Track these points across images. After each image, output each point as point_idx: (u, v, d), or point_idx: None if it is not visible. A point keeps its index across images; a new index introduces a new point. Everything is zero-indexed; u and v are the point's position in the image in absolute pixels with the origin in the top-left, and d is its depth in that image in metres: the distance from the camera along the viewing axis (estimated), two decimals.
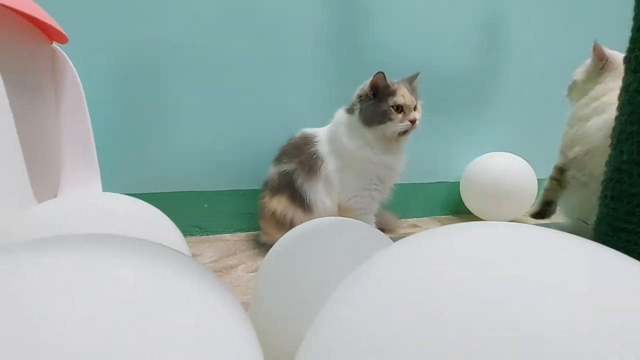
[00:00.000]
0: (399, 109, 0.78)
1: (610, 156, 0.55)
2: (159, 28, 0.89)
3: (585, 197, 0.78)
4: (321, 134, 0.88)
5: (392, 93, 0.77)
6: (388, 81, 0.78)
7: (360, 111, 0.80)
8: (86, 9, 0.84)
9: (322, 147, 0.85)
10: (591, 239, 0.56)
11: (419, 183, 1.22)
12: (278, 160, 0.89)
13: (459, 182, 1.21)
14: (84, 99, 0.75)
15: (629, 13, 0.53)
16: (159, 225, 0.42)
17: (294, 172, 0.83)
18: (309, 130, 0.90)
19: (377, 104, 0.78)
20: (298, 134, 0.91)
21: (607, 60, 0.78)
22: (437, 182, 1.25)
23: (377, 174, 0.83)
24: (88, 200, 0.40)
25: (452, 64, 1.18)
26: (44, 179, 0.69)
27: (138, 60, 0.89)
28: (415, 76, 0.84)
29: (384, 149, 0.82)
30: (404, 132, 0.79)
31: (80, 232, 0.36)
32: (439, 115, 1.20)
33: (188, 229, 0.99)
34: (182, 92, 0.94)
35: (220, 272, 0.77)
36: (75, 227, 0.35)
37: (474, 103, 1.23)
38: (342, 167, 0.83)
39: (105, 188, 0.89)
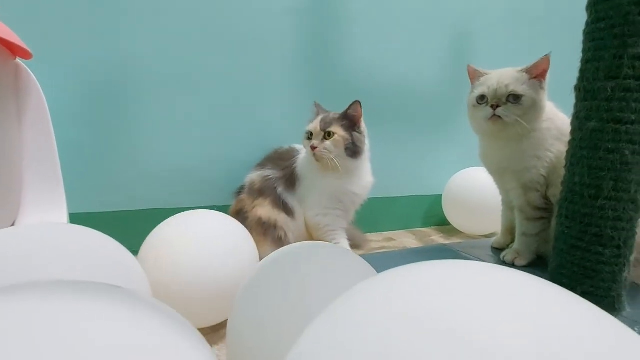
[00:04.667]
0: (310, 135, 0.84)
1: (564, 178, 0.59)
2: (128, 43, 0.88)
3: None
4: (302, 153, 0.91)
5: (312, 121, 0.86)
6: (319, 110, 0.88)
7: None
8: (52, 24, 0.82)
9: (300, 166, 0.88)
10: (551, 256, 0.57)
11: (396, 197, 1.24)
12: (262, 165, 0.90)
13: (441, 195, 1.25)
14: (49, 116, 0.73)
15: None
16: (120, 263, 0.42)
17: (276, 180, 0.86)
18: (297, 146, 0.94)
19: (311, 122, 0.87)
20: (286, 146, 0.94)
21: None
22: (416, 196, 1.28)
23: (336, 195, 0.86)
24: (46, 233, 0.39)
25: (430, 79, 1.22)
26: (3, 199, 0.66)
27: (106, 75, 0.87)
28: (351, 105, 0.83)
29: (330, 173, 0.84)
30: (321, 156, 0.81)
31: (36, 267, 0.35)
32: (418, 130, 1.24)
33: None
34: (153, 108, 0.92)
35: None
36: (31, 263, 0.34)
37: (454, 117, 1.27)
38: (310, 186, 0.87)
39: (74, 207, 0.86)
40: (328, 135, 0.81)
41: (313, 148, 0.80)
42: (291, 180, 0.87)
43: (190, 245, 0.53)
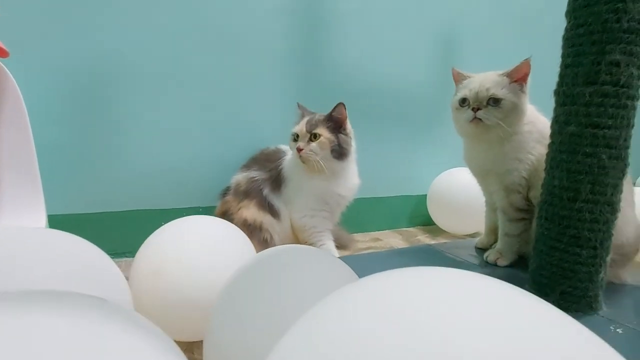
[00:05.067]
0: (296, 137, 0.84)
1: (544, 180, 0.60)
2: (112, 39, 0.86)
3: None
4: (288, 154, 0.90)
5: (298, 123, 0.86)
6: (304, 111, 0.87)
7: None
8: (30, 19, 0.80)
9: (286, 167, 0.88)
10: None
11: (382, 197, 1.25)
12: (247, 166, 0.90)
13: (426, 195, 1.26)
14: (26, 115, 0.70)
15: None
16: (100, 269, 0.41)
17: (262, 182, 0.85)
18: (283, 147, 0.93)
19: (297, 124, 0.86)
20: (272, 147, 0.94)
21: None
22: (402, 196, 1.29)
23: (322, 197, 0.86)
24: (24, 239, 0.38)
25: (416, 80, 1.23)
26: None
27: (88, 73, 0.85)
28: (335, 107, 0.82)
29: (316, 175, 0.84)
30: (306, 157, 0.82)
31: (13, 274, 0.34)
32: (404, 130, 1.25)
33: None
34: (138, 107, 0.90)
35: None
36: (7, 270, 0.33)
37: (440, 118, 1.28)
38: (296, 188, 0.86)
39: (55, 208, 0.83)
40: (314, 137, 0.81)
41: (299, 150, 0.80)
42: (277, 181, 0.86)
43: (189, 258, 0.51)
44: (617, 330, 0.53)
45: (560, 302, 0.57)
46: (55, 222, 0.83)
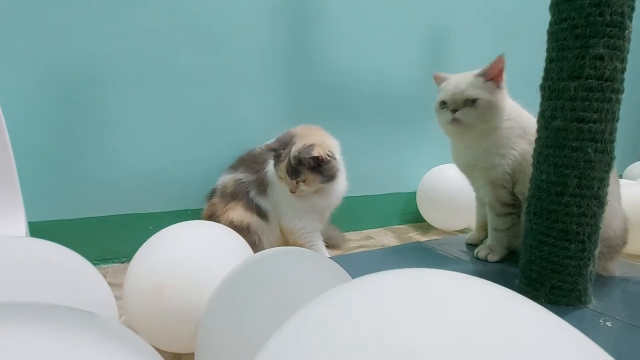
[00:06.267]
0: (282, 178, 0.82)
1: (532, 175, 0.60)
2: (94, 38, 0.84)
3: None
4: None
5: (282, 160, 0.81)
6: (273, 149, 0.82)
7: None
8: (10, 19, 0.77)
9: (270, 171, 0.86)
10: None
11: (374, 195, 1.25)
12: (234, 168, 0.88)
13: (415, 192, 1.26)
14: (2, 118, 0.68)
15: None
16: (81, 277, 0.40)
17: (249, 184, 0.84)
18: None
19: (276, 165, 0.83)
20: (259, 148, 0.92)
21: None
22: (392, 193, 1.29)
23: (310, 204, 0.85)
24: (3, 248, 0.37)
25: (405, 78, 1.23)
26: None
27: (70, 72, 0.83)
28: (300, 162, 0.78)
29: None
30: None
31: None
32: (394, 128, 1.25)
33: (131, 255, 0.92)
34: (122, 108, 0.88)
35: None
36: None
37: (428, 116, 1.28)
38: (283, 192, 0.85)
39: (36, 215, 0.81)
40: (300, 181, 0.80)
41: (292, 192, 0.81)
42: (264, 184, 0.85)
43: (189, 273, 0.49)
44: (607, 323, 0.53)
45: (550, 297, 0.58)
46: (39, 229, 0.81)
